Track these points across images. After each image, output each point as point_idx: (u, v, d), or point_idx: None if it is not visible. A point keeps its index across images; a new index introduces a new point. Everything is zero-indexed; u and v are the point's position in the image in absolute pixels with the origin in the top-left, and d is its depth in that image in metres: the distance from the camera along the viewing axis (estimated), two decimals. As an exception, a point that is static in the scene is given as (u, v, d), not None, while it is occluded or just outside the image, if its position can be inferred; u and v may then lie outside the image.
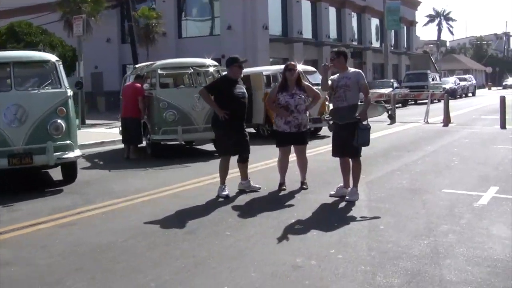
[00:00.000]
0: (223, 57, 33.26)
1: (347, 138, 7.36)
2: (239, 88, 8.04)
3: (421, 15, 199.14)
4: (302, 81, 8.32)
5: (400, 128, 18.05)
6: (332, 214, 6.87)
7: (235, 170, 8.43)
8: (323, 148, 12.22)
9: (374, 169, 9.82)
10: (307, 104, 8.22)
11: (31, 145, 8.49)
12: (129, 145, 12.42)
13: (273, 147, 8.67)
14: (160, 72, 12.30)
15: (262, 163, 10.48)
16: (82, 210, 7.43)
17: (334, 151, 7.73)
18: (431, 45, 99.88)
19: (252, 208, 7.28)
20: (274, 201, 7.64)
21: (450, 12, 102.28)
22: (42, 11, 32.36)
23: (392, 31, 52.22)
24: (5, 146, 8.39)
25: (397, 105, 31.32)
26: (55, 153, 8.65)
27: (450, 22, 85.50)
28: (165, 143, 12.94)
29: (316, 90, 8.41)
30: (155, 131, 12.06)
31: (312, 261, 5.05)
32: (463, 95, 45.28)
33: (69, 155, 8.89)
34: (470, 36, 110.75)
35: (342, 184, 7.76)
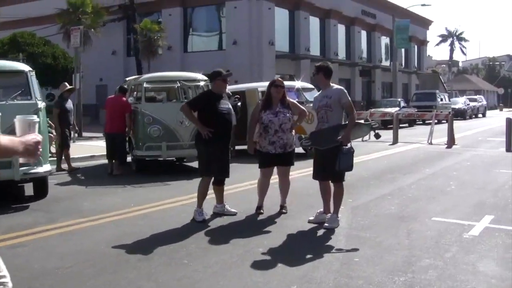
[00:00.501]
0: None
1: (328, 162, 6.78)
2: (224, 104, 7.49)
3: (433, 35, 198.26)
4: (287, 97, 7.77)
5: (402, 148, 17.44)
6: (305, 243, 6.27)
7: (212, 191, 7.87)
8: (310, 169, 11.60)
9: (364, 193, 9.22)
10: (293, 122, 7.66)
11: (-5, 159, 7.98)
12: (113, 161, 11.90)
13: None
14: (146, 85, 11.81)
15: (248, 183, 9.91)
16: (41, 229, 6.89)
17: (315, 174, 7.14)
18: (443, 65, 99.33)
19: (221, 234, 6.70)
20: (247, 226, 7.06)
21: (463, 32, 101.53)
22: (45, 23, 32.15)
23: (402, 50, 51.82)
24: (-32, 159, 7.88)
25: (403, 125, 31.10)
26: (22, 168, 8.13)
27: (463, 42, 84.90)
28: (153, 159, 12.41)
29: (302, 107, 7.85)
30: (139, 146, 11.56)
31: (267, 300, 4.46)
32: (473, 116, 44.49)
33: (37, 170, 8.38)
34: (483, 57, 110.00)
35: (322, 209, 7.17)
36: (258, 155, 7.69)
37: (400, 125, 30.79)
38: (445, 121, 35.86)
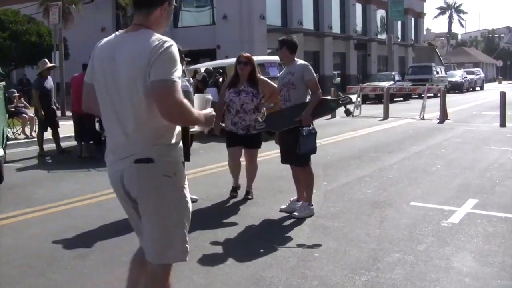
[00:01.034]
0: (219, 48, 32.13)
1: (289, 146, 6.15)
2: (181, 82, 6.82)
3: (431, 7, 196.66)
4: (257, 75, 7.10)
5: (392, 124, 16.78)
6: (265, 235, 5.65)
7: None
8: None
9: (341, 175, 8.60)
10: (262, 101, 7.00)
11: None
12: (82, 142, 11.25)
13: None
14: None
15: (221, 164, 9.28)
16: (-21, 222, 6.29)
17: (281, 158, 6.51)
18: (442, 38, 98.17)
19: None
20: (206, 215, 6.43)
21: (461, 4, 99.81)
22: (30, 0, 31.24)
23: (399, 22, 50.82)
24: None
25: (398, 99, 30.37)
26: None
27: (461, 15, 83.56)
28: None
29: (274, 85, 7.17)
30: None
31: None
32: (471, 89, 43.74)
33: (-13, 155, 7.75)
34: (482, 29, 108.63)
35: (296, 197, 6.54)
36: (225, 135, 7.09)
37: (395, 99, 30.24)
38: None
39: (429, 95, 22.19)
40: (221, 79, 14.26)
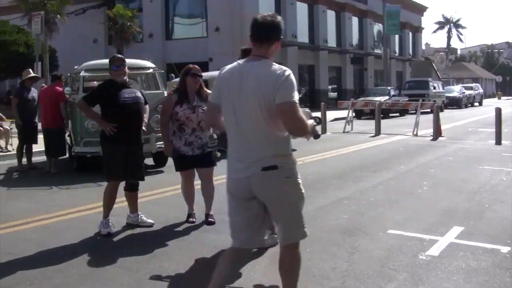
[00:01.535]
0: (211, 60, 31.56)
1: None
2: (130, 93, 6.19)
3: (430, 22, 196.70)
4: (204, 88, 6.47)
5: (383, 141, 16.13)
6: (205, 270, 4.98)
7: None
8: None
9: (319, 197, 7.95)
10: None
11: None
12: (51, 158, 10.61)
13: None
14: (83, 74, 10.48)
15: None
16: None
17: None
18: (441, 53, 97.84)
19: (119, 252, 5.43)
20: (158, 242, 5.76)
21: (460, 19, 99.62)
22: (18, 12, 30.74)
23: (396, 37, 50.38)
24: None
25: (394, 115, 29.73)
26: None
27: (460, 30, 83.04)
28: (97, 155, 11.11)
29: None
30: (77, 142, 10.25)
31: None
32: (469, 105, 43.11)
33: None
34: (481, 44, 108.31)
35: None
36: (174, 157, 6.43)
37: (391, 115, 29.61)
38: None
39: (425, 110, 21.59)
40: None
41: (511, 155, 12.35)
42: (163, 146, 6.63)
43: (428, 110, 19.91)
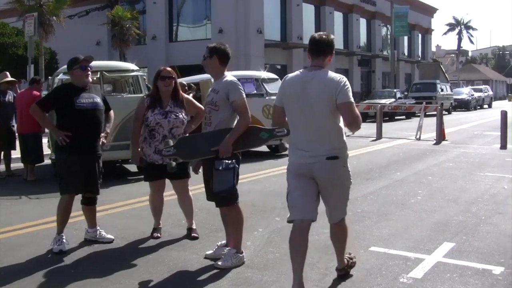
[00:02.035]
0: (214, 63, 31.06)
1: (208, 180, 5.00)
2: (88, 98, 5.67)
3: (441, 24, 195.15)
4: (181, 92, 5.97)
5: (383, 145, 15.56)
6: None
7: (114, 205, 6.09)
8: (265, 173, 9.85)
9: (303, 207, 7.39)
10: (186, 125, 5.86)
11: None
12: (28, 165, 10.15)
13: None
14: (61, 77, 10.00)
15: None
16: None
17: (206, 193, 5.32)
18: (452, 55, 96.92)
19: (67, 273, 4.92)
20: (114, 261, 5.27)
21: (470, 20, 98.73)
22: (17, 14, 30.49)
23: (405, 38, 49.68)
24: None
25: (400, 117, 29.09)
26: None
27: (471, 31, 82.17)
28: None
29: (200, 105, 6.00)
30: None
31: None
32: (478, 107, 42.34)
33: None
34: (493, 46, 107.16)
35: (225, 240, 5.36)
36: (144, 166, 5.92)
37: (396, 118, 28.99)
38: (446, 113, 34.09)
39: (432, 113, 20.95)
40: (191, 94, 13.14)
41: (515, 161, 11.74)
42: (131, 153, 6.12)
43: (435, 112, 19.29)
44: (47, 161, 10.72)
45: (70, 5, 23.83)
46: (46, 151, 10.76)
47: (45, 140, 11.10)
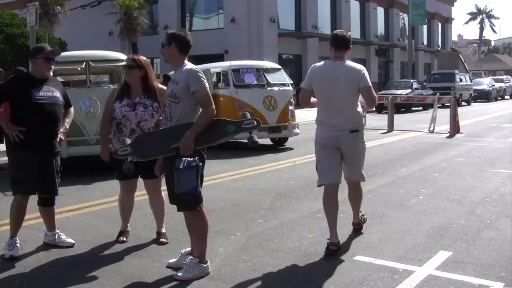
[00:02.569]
0: (226, 52, 30.49)
1: (168, 181, 4.48)
2: (46, 91, 5.15)
3: (462, 13, 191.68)
4: (153, 82, 5.44)
5: (393, 138, 14.89)
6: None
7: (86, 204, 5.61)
8: (213, 177, 9.30)
9: (290, 208, 6.88)
10: (157, 120, 5.32)
11: None
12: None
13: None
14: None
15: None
16: None
17: (168, 196, 4.79)
18: (474, 44, 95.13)
19: (12, 283, 4.43)
20: (71, 267, 4.77)
21: (492, 9, 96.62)
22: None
23: (424, 27, 48.62)
24: None
25: (417, 108, 28.24)
26: None
27: (493, 20, 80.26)
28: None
29: None
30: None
31: None
32: (499, 98, 41.21)
33: None
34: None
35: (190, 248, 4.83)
36: (116, 163, 5.40)
37: (413, 109, 28.14)
38: (465, 104, 33.14)
39: (449, 104, 20.15)
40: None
41: (531, 156, 11.02)
42: (100, 149, 5.61)
43: (436, 104, 18.43)
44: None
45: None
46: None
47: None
